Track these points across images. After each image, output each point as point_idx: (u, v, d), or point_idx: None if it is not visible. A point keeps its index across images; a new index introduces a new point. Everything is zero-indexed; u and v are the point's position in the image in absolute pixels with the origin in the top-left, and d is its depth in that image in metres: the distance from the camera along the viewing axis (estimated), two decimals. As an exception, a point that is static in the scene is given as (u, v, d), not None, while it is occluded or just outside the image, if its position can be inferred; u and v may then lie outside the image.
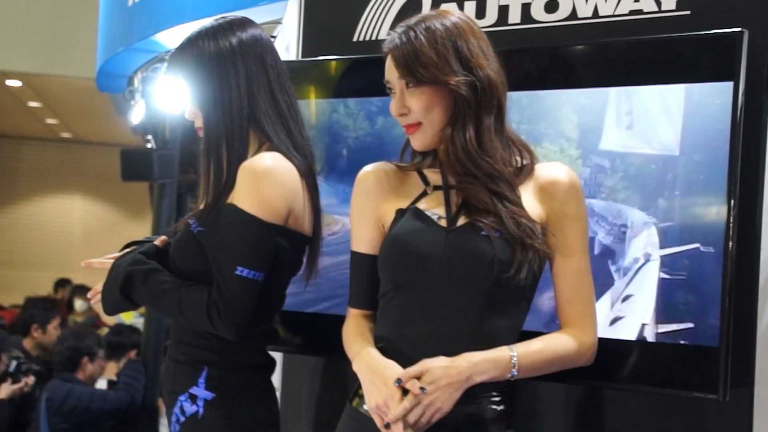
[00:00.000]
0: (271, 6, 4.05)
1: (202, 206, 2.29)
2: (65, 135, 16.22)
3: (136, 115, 7.35)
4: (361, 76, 2.72)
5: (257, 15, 2.91)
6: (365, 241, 2.15)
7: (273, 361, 2.37)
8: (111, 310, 2.35)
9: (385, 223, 2.13)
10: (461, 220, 2.03)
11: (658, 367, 2.22)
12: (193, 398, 2.24)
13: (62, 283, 12.29)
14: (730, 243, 2.10)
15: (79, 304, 10.56)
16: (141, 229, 14.08)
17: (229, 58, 2.29)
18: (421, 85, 2.03)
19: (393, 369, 1.97)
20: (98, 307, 2.48)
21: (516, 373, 1.95)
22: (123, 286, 2.28)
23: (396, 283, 2.07)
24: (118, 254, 2.40)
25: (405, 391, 1.93)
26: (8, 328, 8.09)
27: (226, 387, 2.25)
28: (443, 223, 2.05)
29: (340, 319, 2.19)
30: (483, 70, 2.03)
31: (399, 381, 1.93)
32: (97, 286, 2.37)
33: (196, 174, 8.13)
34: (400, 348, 2.03)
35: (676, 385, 2.19)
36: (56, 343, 5.79)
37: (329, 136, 2.71)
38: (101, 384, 5.79)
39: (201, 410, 2.23)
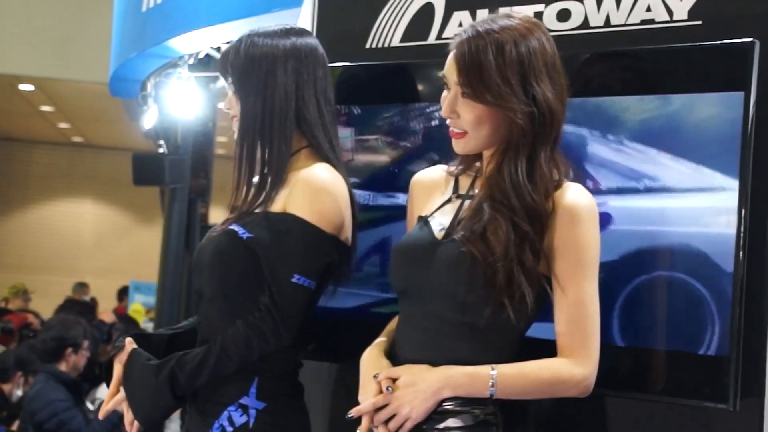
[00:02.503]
0: (284, 12, 4.08)
1: (244, 207, 2.30)
2: (77, 139, 16.29)
3: (149, 120, 7.40)
4: (375, 83, 2.75)
5: (270, 21, 2.93)
6: None
7: (302, 365, 2.39)
8: (151, 420, 2.27)
9: None
10: (456, 233, 2.01)
11: (666, 376, 2.23)
12: (245, 408, 2.23)
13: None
14: (741, 252, 2.11)
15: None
16: (151, 234, 14.13)
17: (281, 58, 2.31)
18: (477, 100, 1.96)
19: (380, 366, 2.01)
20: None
21: (494, 392, 1.92)
22: (173, 390, 2.22)
23: (396, 291, 2.12)
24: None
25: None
26: (17, 332, 8.13)
27: (275, 395, 2.26)
28: (441, 235, 2.04)
29: (354, 324, 2.22)
30: (547, 102, 1.95)
31: (376, 376, 1.96)
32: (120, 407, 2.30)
33: (207, 179, 8.17)
34: (398, 355, 2.07)
35: (686, 394, 2.20)
36: (41, 331, 5.75)
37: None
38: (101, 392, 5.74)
39: (252, 420, 2.23)
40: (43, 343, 5.51)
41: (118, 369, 2.32)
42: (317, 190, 2.24)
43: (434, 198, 2.17)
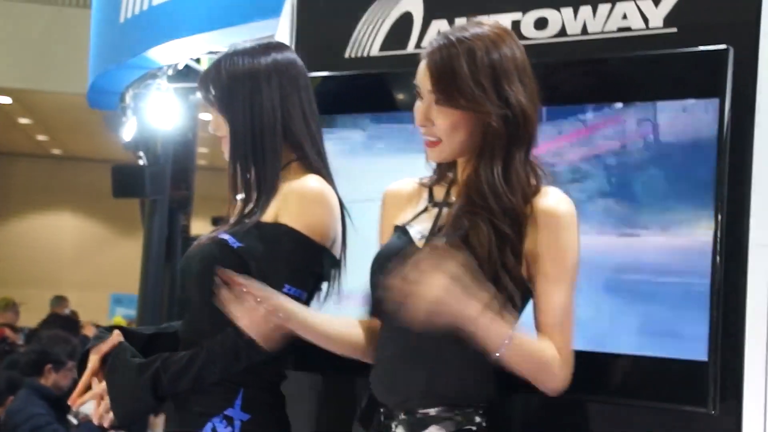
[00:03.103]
0: (263, 23, 4.09)
1: (232, 219, 2.32)
2: (56, 152, 16.25)
3: (128, 132, 7.39)
4: (353, 92, 2.77)
5: (249, 32, 2.95)
6: None
7: (286, 376, 2.39)
8: (130, 418, 2.28)
9: None
10: (436, 240, 2.01)
11: (646, 380, 2.26)
12: (229, 420, 2.23)
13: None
14: (718, 257, 2.14)
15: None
16: (132, 247, 14.07)
17: (263, 74, 2.32)
18: (450, 107, 1.98)
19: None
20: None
21: (503, 351, 1.87)
22: (155, 390, 2.22)
23: (374, 302, 2.11)
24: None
25: None
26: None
27: (260, 406, 2.26)
28: (422, 243, 2.05)
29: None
30: (520, 105, 1.97)
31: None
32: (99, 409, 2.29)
33: (188, 190, 8.16)
34: (376, 366, 2.08)
35: (666, 398, 2.23)
36: (33, 343, 5.74)
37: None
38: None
39: (237, 431, 2.23)
40: (26, 355, 5.49)
41: (93, 360, 2.32)
42: (310, 201, 2.26)
43: (408, 209, 2.17)
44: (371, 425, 2.08)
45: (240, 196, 2.35)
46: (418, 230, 2.09)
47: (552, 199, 2.00)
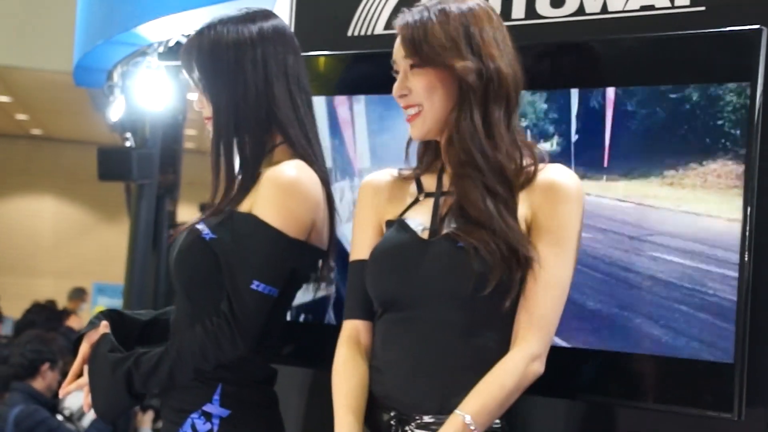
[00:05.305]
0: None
1: (215, 203, 2.32)
2: (36, 132, 16.21)
3: (115, 112, 7.36)
4: (357, 73, 2.74)
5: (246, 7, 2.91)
6: (365, 248, 2.15)
7: (276, 373, 2.39)
8: (109, 413, 2.33)
9: (383, 233, 2.15)
10: (444, 230, 2.04)
11: (670, 384, 2.24)
12: (208, 416, 2.25)
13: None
14: (747, 253, 2.12)
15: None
16: (116, 233, 14.08)
17: (249, 47, 2.30)
18: (425, 66, 2.05)
19: None
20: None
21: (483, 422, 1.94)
22: (129, 388, 2.26)
23: (379, 301, 2.10)
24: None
25: None
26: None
27: (241, 403, 2.27)
28: (426, 234, 2.06)
29: (332, 329, 2.21)
30: (494, 61, 2.04)
31: None
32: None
33: (175, 174, 8.14)
34: (383, 371, 2.07)
35: (688, 402, 2.21)
36: (17, 345, 5.77)
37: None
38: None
39: (216, 428, 2.24)
40: (21, 356, 5.50)
41: (84, 348, 2.37)
42: (282, 191, 2.24)
43: (395, 201, 2.17)
44: (379, 428, 2.06)
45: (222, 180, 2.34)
46: (419, 222, 2.09)
47: (554, 172, 2.07)
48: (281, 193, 2.24)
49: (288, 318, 2.51)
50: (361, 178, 2.58)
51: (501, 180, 2.02)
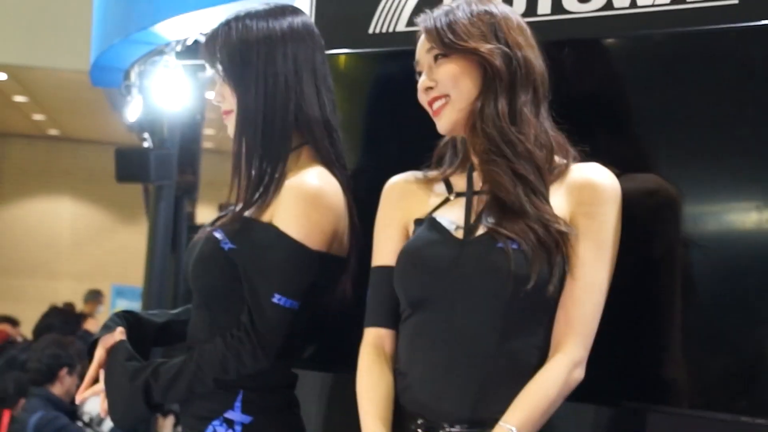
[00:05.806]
0: (279, -5, 4.05)
1: (234, 206, 2.29)
2: (53, 132, 16.28)
3: (133, 112, 7.38)
4: (378, 72, 2.72)
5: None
6: (389, 253, 2.13)
7: (297, 377, 2.39)
8: (126, 421, 2.33)
9: (409, 235, 2.13)
10: (480, 230, 2.02)
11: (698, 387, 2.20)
12: (230, 423, 2.24)
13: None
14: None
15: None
16: (134, 235, 14.14)
17: (279, 41, 2.28)
18: (450, 53, 2.05)
19: None
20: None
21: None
22: (147, 399, 2.25)
23: (410, 300, 2.07)
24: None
25: None
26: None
27: (263, 409, 2.26)
28: (460, 234, 2.04)
29: (353, 332, 2.19)
30: (521, 49, 2.06)
31: None
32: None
33: (194, 175, 8.16)
34: (413, 373, 2.04)
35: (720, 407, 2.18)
36: (34, 350, 5.80)
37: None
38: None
39: None
40: (39, 362, 5.53)
41: (100, 354, 2.36)
42: (304, 202, 2.22)
43: (423, 202, 2.15)
44: None
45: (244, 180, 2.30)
46: (451, 221, 2.07)
47: (590, 170, 2.05)
48: (303, 204, 2.22)
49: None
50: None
51: (530, 166, 2.00)
